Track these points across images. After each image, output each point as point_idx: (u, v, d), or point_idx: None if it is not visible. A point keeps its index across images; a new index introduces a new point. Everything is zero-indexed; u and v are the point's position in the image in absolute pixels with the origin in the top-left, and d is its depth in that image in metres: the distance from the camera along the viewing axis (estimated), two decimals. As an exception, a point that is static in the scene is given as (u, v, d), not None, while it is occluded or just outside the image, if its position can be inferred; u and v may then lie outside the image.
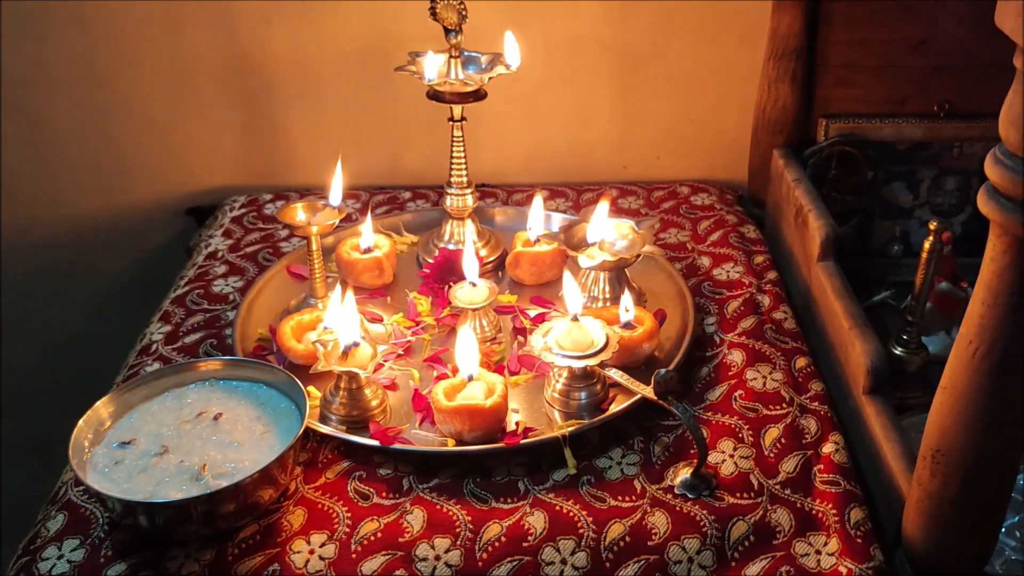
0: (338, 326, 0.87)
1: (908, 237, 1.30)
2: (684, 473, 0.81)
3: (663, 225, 1.22)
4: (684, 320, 0.99)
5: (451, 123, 1.07)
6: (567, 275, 0.91)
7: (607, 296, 1.04)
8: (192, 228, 1.39)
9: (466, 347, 0.86)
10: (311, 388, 0.91)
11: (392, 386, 0.93)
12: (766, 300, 1.04)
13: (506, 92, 1.33)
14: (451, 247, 1.12)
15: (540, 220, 1.09)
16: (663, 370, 0.79)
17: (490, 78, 1.03)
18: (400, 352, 0.98)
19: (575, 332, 0.89)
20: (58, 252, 1.40)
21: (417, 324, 1.03)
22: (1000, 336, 0.61)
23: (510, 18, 1.26)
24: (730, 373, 0.93)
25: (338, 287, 0.93)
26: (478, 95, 1.04)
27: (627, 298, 0.94)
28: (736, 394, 0.90)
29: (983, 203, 0.59)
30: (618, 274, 1.04)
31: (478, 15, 1.24)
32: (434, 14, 1.00)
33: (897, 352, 1.06)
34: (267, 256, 1.17)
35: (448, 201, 1.11)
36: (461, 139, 1.08)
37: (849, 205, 1.25)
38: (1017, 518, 0.86)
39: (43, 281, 1.41)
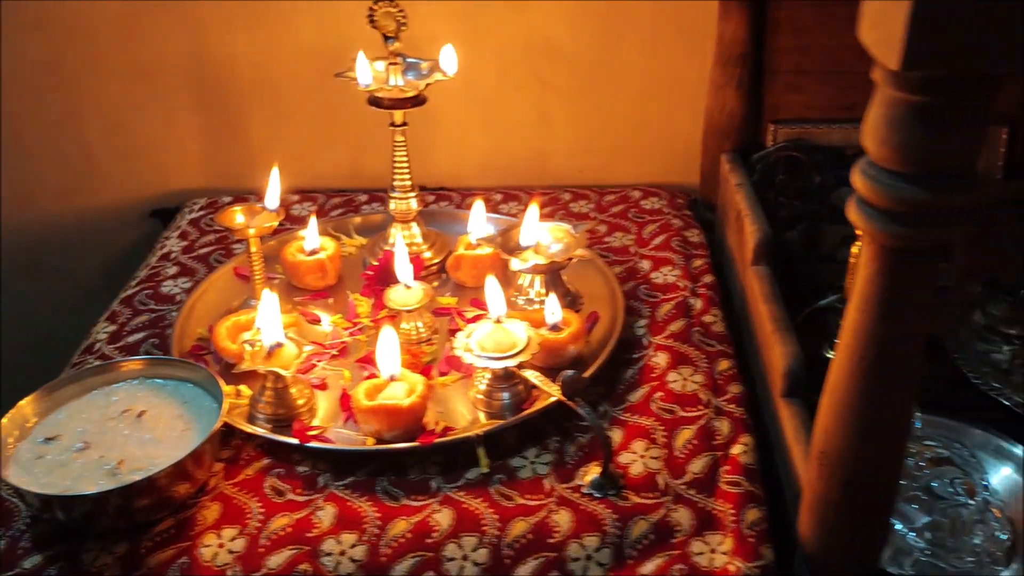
0: (263, 326, 0.89)
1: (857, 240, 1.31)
2: (593, 473, 0.82)
3: (610, 228, 1.23)
4: (615, 322, 1.00)
5: (392, 128, 1.08)
6: (490, 279, 0.93)
7: (543, 298, 1.05)
8: (159, 230, 1.42)
9: (387, 348, 0.88)
10: (242, 387, 0.94)
11: (322, 386, 0.95)
12: (698, 303, 1.05)
13: (463, 97, 1.35)
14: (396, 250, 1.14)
15: (481, 224, 1.11)
16: (570, 371, 0.81)
17: (428, 84, 1.05)
18: (335, 352, 1.00)
19: (497, 334, 0.91)
20: (26, 254, 1.43)
21: (355, 325, 1.05)
22: (873, 342, 0.62)
23: (465, 24, 1.29)
24: (653, 375, 0.94)
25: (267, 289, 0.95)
26: (417, 100, 1.06)
27: (553, 300, 0.96)
28: (656, 396, 0.91)
29: (851, 213, 0.60)
30: (553, 277, 1.06)
31: (433, 21, 1.27)
32: (372, 21, 1.02)
33: (830, 355, 1.07)
34: (219, 258, 1.20)
35: (392, 205, 1.13)
36: (403, 144, 1.10)
37: (797, 210, 1.26)
38: (929, 519, 0.87)
39: (10, 283, 1.44)
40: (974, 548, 0.86)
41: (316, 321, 1.06)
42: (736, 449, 0.84)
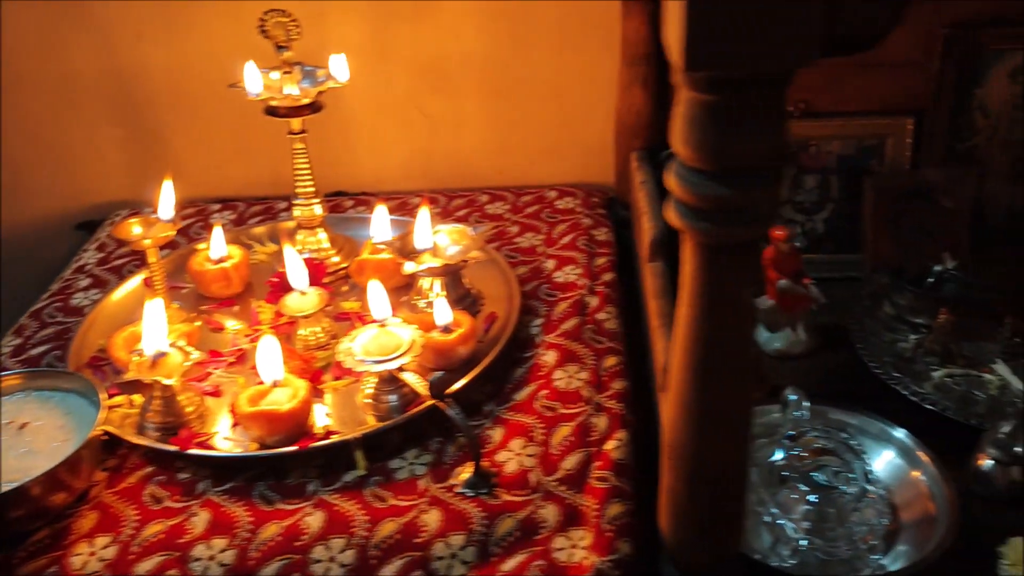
0: (145, 336, 0.90)
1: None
2: (467, 472, 0.83)
3: (522, 229, 1.24)
4: (509, 322, 1.01)
5: (291, 136, 1.09)
6: (372, 282, 0.94)
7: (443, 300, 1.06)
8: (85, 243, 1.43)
9: (267, 354, 0.89)
10: (136, 397, 0.95)
11: (215, 393, 0.96)
12: (594, 301, 1.06)
13: (380, 102, 1.36)
14: (305, 256, 1.15)
15: (384, 228, 1.11)
16: (439, 373, 0.82)
17: (321, 92, 1.06)
18: (231, 360, 1.01)
19: (382, 337, 0.92)
20: (-47, 269, 1.44)
21: (255, 332, 1.06)
22: (699, 336, 0.63)
23: (377, 30, 1.30)
24: (540, 374, 0.95)
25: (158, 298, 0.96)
26: (313, 108, 1.07)
27: (441, 303, 0.97)
28: (541, 394, 0.92)
29: (668, 212, 0.61)
30: (452, 278, 1.07)
31: (345, 28, 1.28)
32: (263, 31, 1.03)
33: (728, 350, 1.08)
34: (133, 269, 1.21)
35: (296, 212, 1.14)
36: (303, 151, 1.11)
37: (708, 205, 1.27)
38: (809, 508, 0.88)
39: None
40: (852, 535, 0.87)
41: (220, 329, 1.07)
42: (609, 445, 0.85)
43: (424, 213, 1.03)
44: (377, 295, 0.93)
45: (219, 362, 1.00)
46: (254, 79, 1.03)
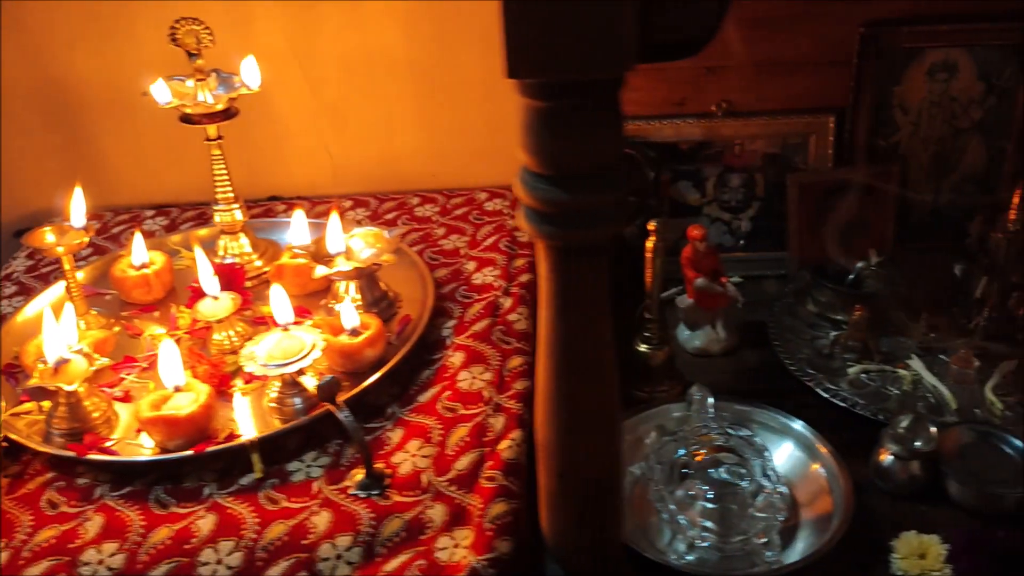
0: (47, 343, 0.91)
1: (700, 234, 1.33)
2: (360, 474, 0.84)
3: (448, 231, 1.25)
4: (419, 324, 1.02)
5: (208, 143, 1.10)
6: (275, 287, 0.95)
7: (359, 304, 1.07)
8: (20, 251, 1.43)
9: (168, 360, 0.90)
10: (46, 403, 0.95)
11: (126, 397, 0.97)
12: (508, 302, 1.07)
13: (311, 107, 1.37)
14: (228, 261, 1.16)
15: (302, 232, 1.12)
16: (328, 376, 0.83)
17: (232, 99, 1.06)
18: (144, 365, 1.02)
19: (285, 342, 0.92)
20: None
21: (172, 337, 1.06)
22: (557, 337, 0.64)
23: (305, 35, 1.30)
24: (446, 375, 0.96)
25: (68, 304, 0.97)
26: (228, 114, 1.08)
27: (348, 306, 0.98)
28: (444, 395, 0.93)
29: (521, 219, 0.62)
30: (368, 281, 1.07)
31: (273, 32, 1.29)
32: (174, 39, 1.04)
33: (641, 349, 1.09)
34: (59, 276, 1.21)
35: (217, 217, 1.14)
36: (220, 157, 1.12)
37: (635, 205, 1.28)
38: (708, 505, 0.89)
39: None
40: (748, 531, 0.88)
41: (138, 334, 1.08)
42: (503, 444, 0.86)
43: (335, 217, 1.04)
44: (279, 300, 0.94)
45: (132, 367, 1.01)
46: (161, 89, 1.04)
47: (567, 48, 0.51)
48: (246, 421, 0.93)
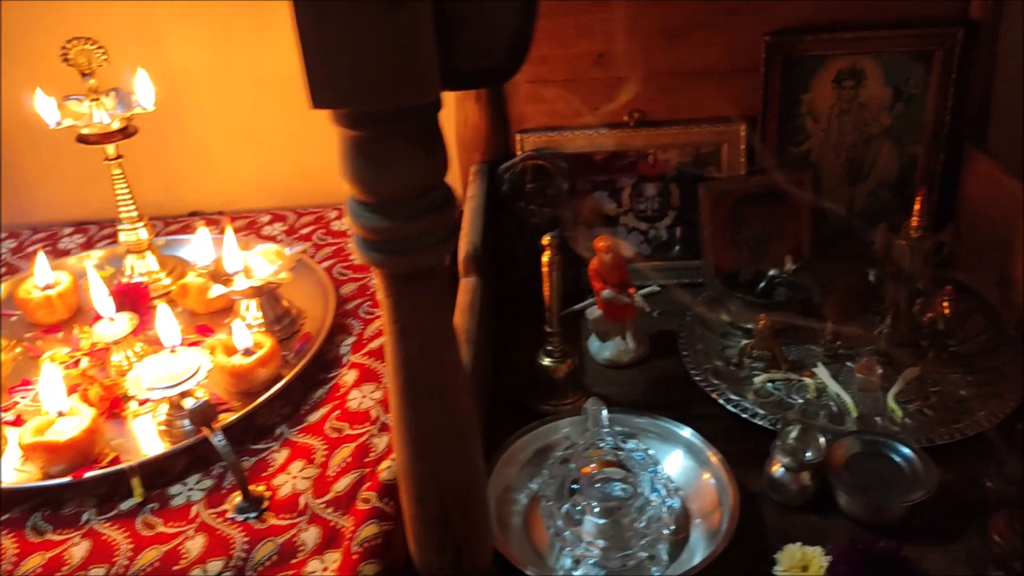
0: (-72, 370, 0.90)
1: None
2: (239, 497, 0.84)
3: (362, 246, 1.25)
4: (316, 342, 1.02)
5: (107, 163, 1.10)
6: (161, 307, 0.94)
7: (260, 321, 1.07)
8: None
9: (49, 385, 0.90)
10: (-66, 428, 0.95)
11: (17, 421, 0.96)
12: (408, 318, 1.06)
13: (227, 123, 1.37)
14: (136, 280, 1.15)
15: (206, 250, 1.12)
16: (200, 400, 0.83)
17: (125, 118, 1.06)
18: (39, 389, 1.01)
19: (173, 363, 0.92)
20: None
21: (72, 359, 1.06)
22: (400, 361, 0.64)
23: (219, 52, 1.30)
24: (337, 394, 0.96)
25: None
26: (126, 133, 1.08)
27: (239, 325, 0.98)
28: (333, 415, 0.93)
29: (355, 246, 0.61)
30: (269, 299, 1.07)
31: (187, 50, 1.29)
32: (66, 59, 1.04)
33: (545, 362, 1.09)
34: (-35, 297, 1.21)
35: (122, 236, 1.14)
36: (122, 176, 1.11)
37: (549, 216, 1.28)
38: (599, 521, 0.89)
39: None
40: (633, 546, 0.88)
41: (38, 356, 1.07)
42: (383, 465, 0.86)
43: (229, 234, 1.04)
44: (165, 321, 0.93)
45: (28, 390, 1.00)
46: (48, 109, 1.03)
47: (367, 78, 0.51)
48: (134, 444, 0.92)
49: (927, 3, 1.17)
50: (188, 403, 0.87)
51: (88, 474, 0.85)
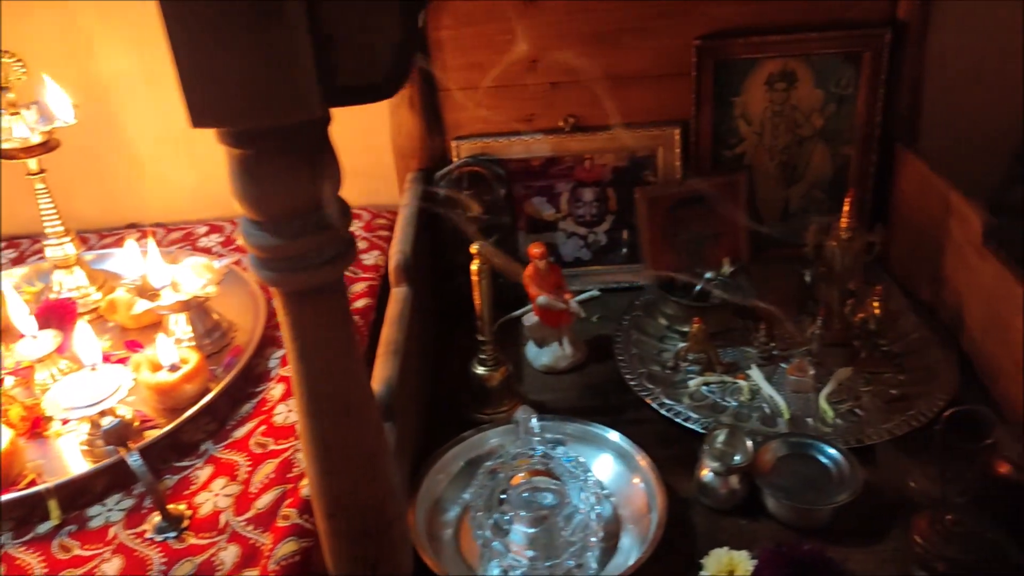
0: None
1: (557, 249, 1.33)
2: (157, 517, 0.83)
3: (298, 256, 1.24)
4: (244, 356, 1.01)
5: (30, 177, 1.08)
6: (80, 324, 0.93)
7: (191, 336, 1.06)
8: None
9: (-36, 406, 0.88)
10: None
11: (-65, 445, 0.94)
12: (339, 330, 1.05)
13: (163, 134, 1.35)
14: (64, 296, 1.14)
15: (133, 264, 1.10)
16: (115, 419, 0.81)
17: (42, 132, 1.04)
18: (-43, 408, 0.99)
19: (93, 381, 0.91)
20: None
21: (-4, 378, 1.04)
22: (302, 378, 0.63)
23: (156, 62, 1.28)
24: (264, 409, 0.95)
25: None
26: (47, 147, 1.06)
27: (163, 340, 0.96)
28: (259, 431, 0.92)
29: (249, 265, 0.61)
30: (198, 313, 1.06)
31: (121, 61, 1.27)
32: (-19, 73, 1.02)
33: (478, 371, 1.09)
34: None
35: (48, 252, 1.12)
36: (45, 191, 1.09)
37: (488, 223, 1.28)
38: (528, 531, 0.88)
39: None
40: (561, 554, 0.87)
41: (-44, 376, 1.05)
42: (304, 481, 0.85)
43: (153, 248, 1.03)
44: (85, 338, 0.92)
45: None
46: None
47: (243, 96, 0.50)
48: (55, 465, 0.91)
49: (855, 5, 1.18)
50: (105, 422, 0.86)
51: (4, 497, 0.84)
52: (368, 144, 1.36)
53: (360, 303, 1.11)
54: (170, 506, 0.83)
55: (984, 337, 1.06)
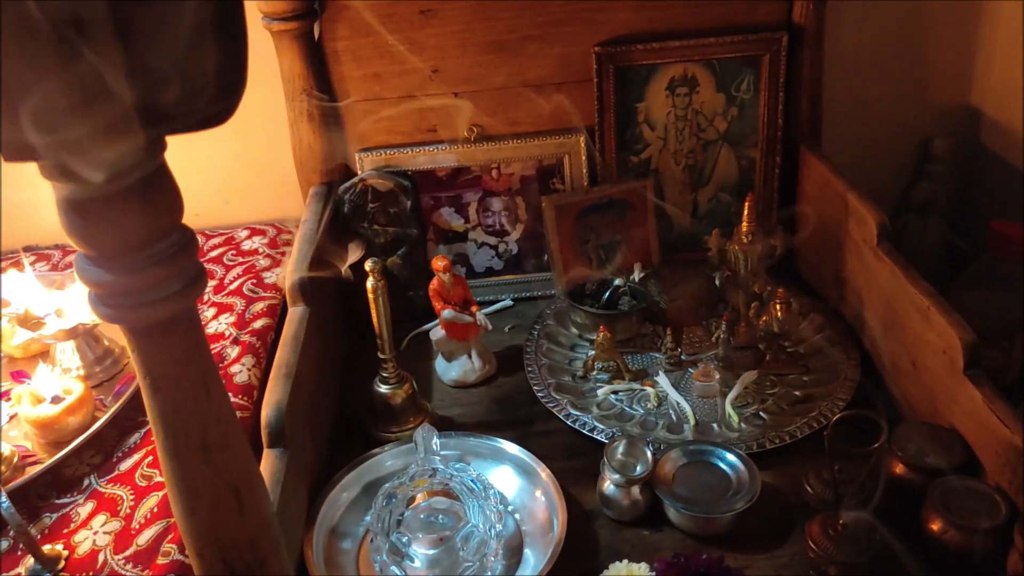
0: None
1: (468, 259, 1.31)
2: (31, 560, 0.80)
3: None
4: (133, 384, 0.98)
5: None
6: (-49, 361, 0.89)
7: (79, 365, 1.02)
8: None
9: None
10: None
11: None
12: (234, 352, 1.03)
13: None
14: (-51, 326, 1.09)
15: (22, 292, 1.06)
16: (-18, 460, 0.78)
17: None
18: None
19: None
20: None
21: None
22: (154, 418, 0.61)
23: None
24: (152, 439, 0.92)
25: None
26: (-79, 174, 1.01)
27: (42, 371, 0.93)
28: (145, 462, 0.89)
29: (88, 303, 0.58)
30: (87, 339, 1.02)
31: None
32: None
33: (381, 389, 1.07)
34: None
35: (-71, 280, 1.08)
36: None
37: (395, 236, 1.26)
38: (429, 552, 0.87)
39: None
40: (463, 572, 0.86)
41: None
42: (188, 514, 0.82)
43: (30, 275, 0.99)
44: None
45: None
46: None
47: (57, 131, 0.48)
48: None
49: (750, 9, 1.18)
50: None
51: None
52: (272, 158, 1.33)
53: (259, 323, 1.08)
54: (46, 547, 0.80)
55: (883, 336, 1.07)
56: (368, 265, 0.98)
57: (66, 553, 0.80)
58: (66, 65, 0.46)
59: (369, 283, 0.99)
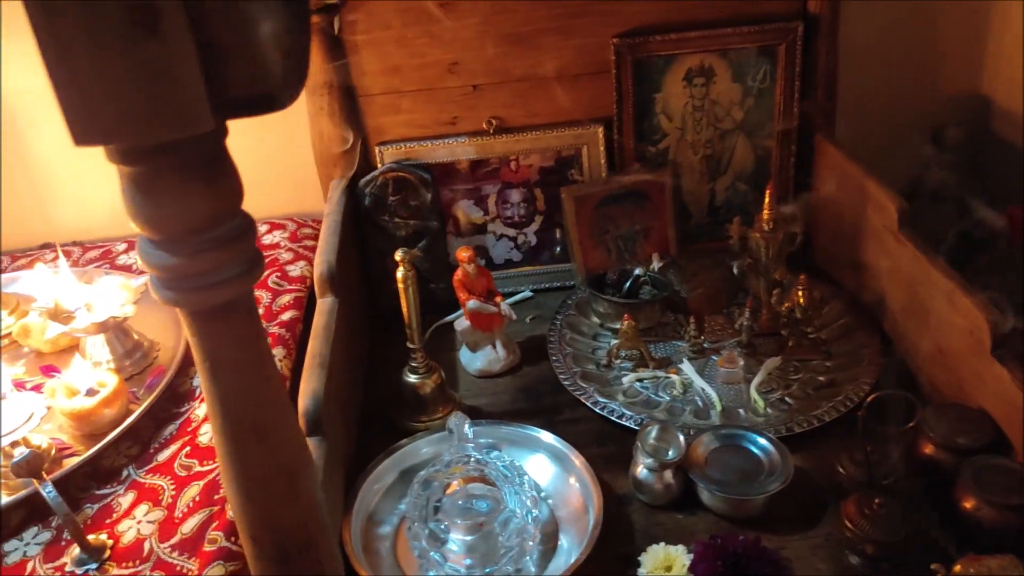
0: None
1: (487, 251, 1.32)
2: (76, 549, 0.80)
3: (222, 271, 1.21)
4: (166, 376, 0.98)
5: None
6: (-12, 355, 0.89)
7: (110, 358, 1.03)
8: None
9: None
10: None
11: None
12: (265, 344, 1.03)
13: (77, 149, 1.31)
14: (-25, 322, 1.09)
15: (43, 287, 1.06)
16: (26, 450, 0.78)
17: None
18: None
19: (6, 410, 0.87)
20: None
21: (-97, 412, 0.99)
22: (214, 399, 0.61)
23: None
24: (188, 429, 0.92)
25: None
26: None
27: (79, 364, 0.93)
28: (183, 452, 0.89)
29: (150, 286, 0.58)
30: (117, 333, 1.03)
31: (23, 77, 1.22)
32: None
33: (410, 380, 1.07)
34: None
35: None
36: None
37: (415, 228, 1.27)
38: (467, 538, 0.87)
39: None
40: (498, 560, 0.87)
41: None
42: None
43: (65, 269, 0.99)
44: (-7, 368, 0.88)
45: None
46: None
47: (125, 113, 0.48)
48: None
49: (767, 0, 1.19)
50: (16, 453, 0.82)
51: (-89, 538, 0.80)
52: (292, 153, 1.34)
53: (287, 316, 1.09)
54: (90, 536, 0.80)
55: (905, 320, 1.08)
56: (398, 255, 0.99)
57: (111, 542, 0.80)
58: (135, 45, 0.47)
59: (399, 273, 0.99)
